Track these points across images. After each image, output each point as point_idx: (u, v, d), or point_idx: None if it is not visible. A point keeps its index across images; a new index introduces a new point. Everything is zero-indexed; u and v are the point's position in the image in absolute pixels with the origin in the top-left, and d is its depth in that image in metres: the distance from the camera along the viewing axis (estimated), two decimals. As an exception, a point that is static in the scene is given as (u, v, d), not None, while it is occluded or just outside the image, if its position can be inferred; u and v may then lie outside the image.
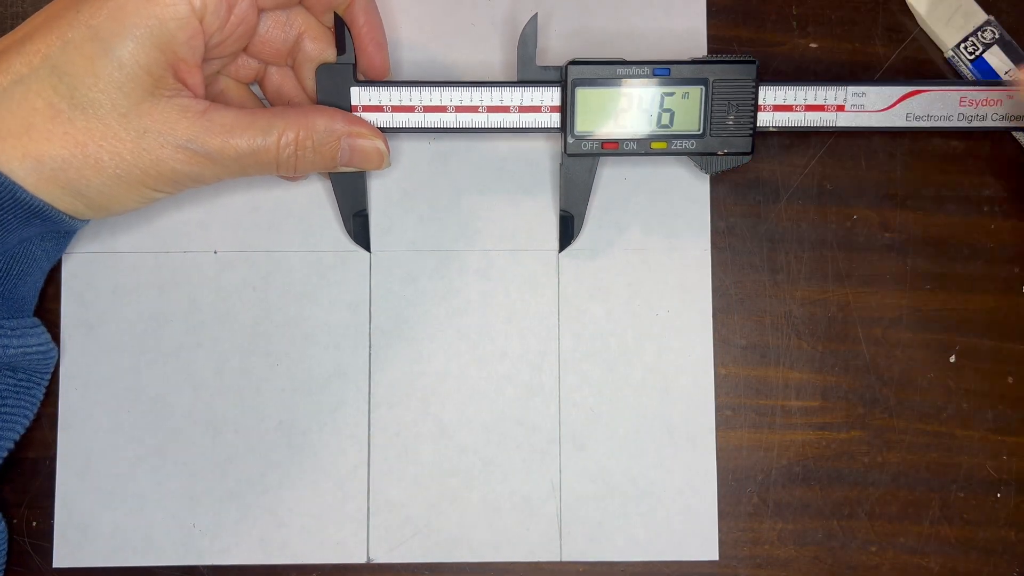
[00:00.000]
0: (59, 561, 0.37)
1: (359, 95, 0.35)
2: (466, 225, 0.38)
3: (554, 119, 0.35)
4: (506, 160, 0.38)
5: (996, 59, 0.38)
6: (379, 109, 0.35)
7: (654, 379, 0.38)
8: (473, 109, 0.35)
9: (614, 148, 0.35)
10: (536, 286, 0.38)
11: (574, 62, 0.35)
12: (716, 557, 0.37)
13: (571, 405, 0.37)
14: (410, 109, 0.35)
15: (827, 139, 0.38)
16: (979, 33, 0.38)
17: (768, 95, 0.36)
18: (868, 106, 0.36)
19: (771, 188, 0.38)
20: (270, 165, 0.32)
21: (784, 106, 0.36)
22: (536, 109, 0.35)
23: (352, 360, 0.37)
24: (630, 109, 0.35)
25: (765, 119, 0.36)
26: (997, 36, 0.38)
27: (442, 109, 0.35)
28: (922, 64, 0.39)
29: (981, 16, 0.38)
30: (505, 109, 0.35)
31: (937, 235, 0.38)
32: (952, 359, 0.38)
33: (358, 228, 0.37)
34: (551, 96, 0.35)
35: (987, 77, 0.38)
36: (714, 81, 0.35)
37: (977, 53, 0.38)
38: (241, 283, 0.38)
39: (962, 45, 0.38)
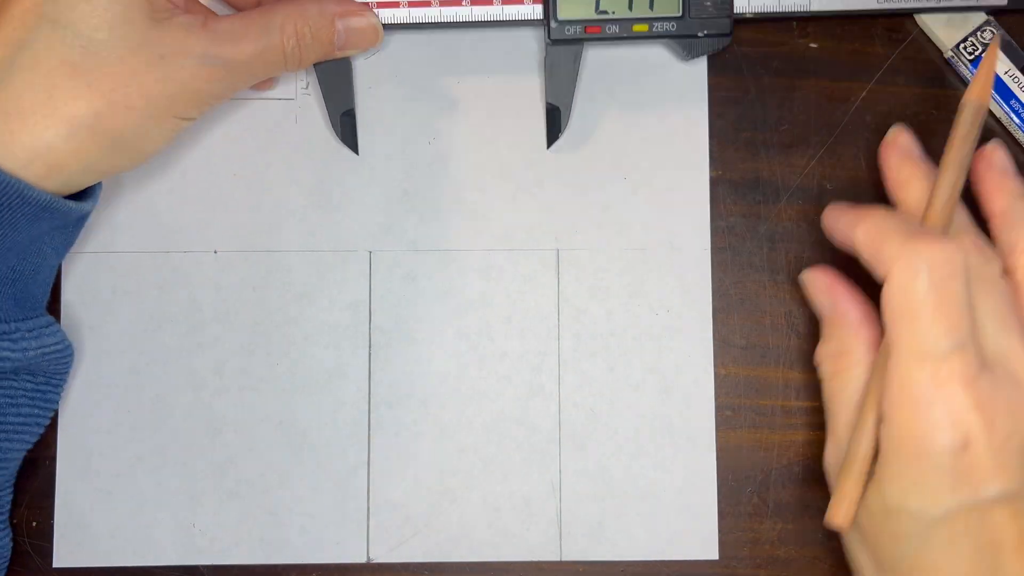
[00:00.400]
0: (59, 561, 0.37)
1: None
2: (466, 225, 0.38)
3: (536, 11, 0.36)
4: (501, 155, 0.38)
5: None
6: (365, 5, 0.35)
7: (654, 379, 0.38)
8: (457, 2, 0.36)
9: (596, 32, 0.36)
10: (536, 286, 0.38)
11: None
12: (716, 557, 0.37)
13: (571, 405, 0.37)
14: (395, 5, 0.36)
15: (827, 139, 0.38)
16: (979, 33, 0.38)
17: None
18: None
19: (771, 188, 0.38)
20: (278, 63, 0.32)
21: None
22: (519, 1, 0.36)
23: (352, 360, 0.37)
24: None
25: (741, 4, 0.36)
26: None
27: (426, 3, 0.36)
28: (922, 64, 0.39)
29: (981, 16, 0.38)
30: (488, 1, 0.36)
31: (937, 235, 0.38)
32: (952, 359, 0.38)
33: (346, 127, 0.37)
34: None
35: (987, 77, 0.38)
36: None
37: (977, 53, 0.38)
38: (241, 283, 0.38)
39: (962, 45, 0.38)
